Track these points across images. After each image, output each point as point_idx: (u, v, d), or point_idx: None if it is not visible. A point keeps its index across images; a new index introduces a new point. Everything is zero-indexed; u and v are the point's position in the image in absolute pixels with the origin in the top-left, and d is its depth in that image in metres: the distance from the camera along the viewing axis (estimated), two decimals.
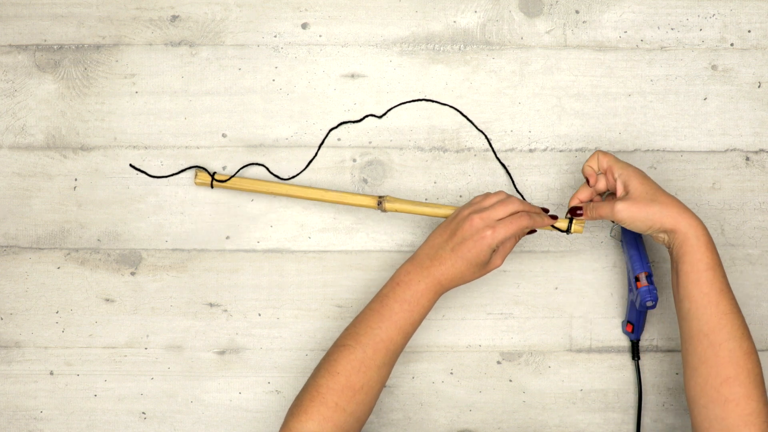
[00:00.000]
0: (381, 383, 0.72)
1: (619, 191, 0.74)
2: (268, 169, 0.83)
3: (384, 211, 0.79)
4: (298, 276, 0.84)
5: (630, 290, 0.80)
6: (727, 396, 0.67)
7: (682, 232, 0.70)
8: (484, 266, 0.73)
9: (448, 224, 0.74)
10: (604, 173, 0.76)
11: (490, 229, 0.71)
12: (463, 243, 0.71)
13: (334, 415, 0.69)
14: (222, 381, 0.84)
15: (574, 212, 0.76)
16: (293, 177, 0.83)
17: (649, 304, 0.77)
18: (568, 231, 0.77)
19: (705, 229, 0.71)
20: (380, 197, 0.79)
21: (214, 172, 0.82)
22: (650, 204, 0.71)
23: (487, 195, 0.75)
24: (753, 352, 0.68)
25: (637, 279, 0.78)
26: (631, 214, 0.71)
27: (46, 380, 0.84)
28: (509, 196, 0.75)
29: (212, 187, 0.81)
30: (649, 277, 0.78)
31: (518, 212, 0.73)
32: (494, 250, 0.73)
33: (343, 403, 0.69)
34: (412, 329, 0.72)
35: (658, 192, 0.72)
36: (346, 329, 0.73)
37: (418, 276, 0.72)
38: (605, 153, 0.76)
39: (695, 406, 0.70)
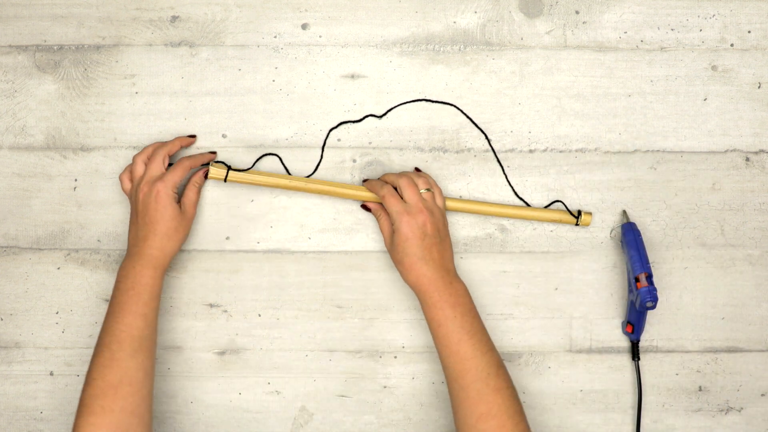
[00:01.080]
0: (143, 370, 0.73)
1: (386, 229, 0.79)
2: (281, 159, 0.83)
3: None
4: (298, 276, 0.84)
5: (630, 291, 0.80)
6: (483, 430, 0.71)
7: (415, 293, 0.77)
8: (180, 220, 0.77)
9: (131, 212, 0.78)
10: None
11: (158, 182, 0.76)
12: (146, 210, 0.76)
13: (103, 420, 0.69)
14: (222, 381, 0.84)
15: (364, 207, 0.82)
16: (309, 175, 0.83)
17: (649, 304, 0.77)
18: (577, 223, 0.81)
19: (435, 285, 0.75)
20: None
21: (229, 166, 0.81)
22: (396, 262, 0.77)
23: (132, 166, 0.79)
24: (502, 387, 0.72)
25: (637, 280, 0.78)
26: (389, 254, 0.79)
27: (46, 381, 0.84)
28: (145, 149, 0.80)
29: (225, 180, 0.80)
30: (649, 277, 0.78)
31: (179, 161, 0.79)
32: (178, 202, 0.78)
33: (109, 403, 0.70)
34: (147, 309, 0.74)
35: (405, 254, 0.76)
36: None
37: (131, 263, 0.76)
38: (406, 189, 0.78)
39: (430, 430, 0.77)
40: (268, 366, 0.84)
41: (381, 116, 0.84)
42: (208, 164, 0.81)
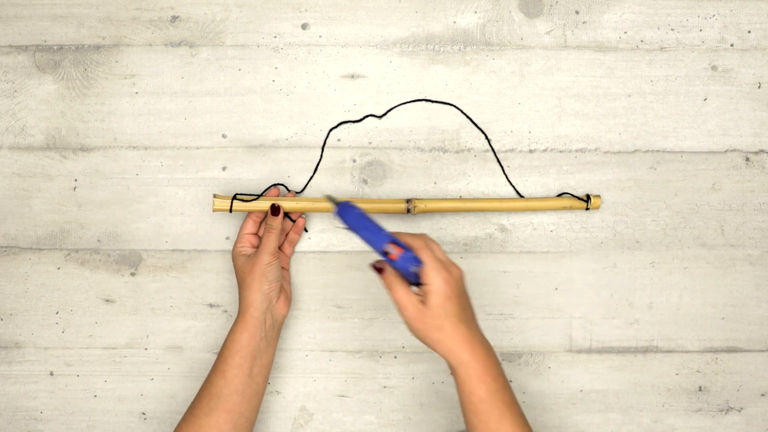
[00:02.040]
0: (216, 427, 0.73)
1: (404, 295, 0.66)
2: (287, 188, 0.83)
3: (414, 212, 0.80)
4: (298, 276, 0.84)
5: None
6: None
7: (453, 365, 0.66)
8: (246, 270, 0.77)
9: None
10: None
11: (235, 244, 0.79)
12: (235, 272, 0.79)
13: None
14: None
15: (376, 268, 0.68)
16: (304, 188, 0.83)
17: (413, 269, 0.66)
18: (587, 207, 0.82)
19: (480, 359, 0.65)
20: (408, 200, 0.80)
21: (235, 194, 0.79)
22: (433, 330, 0.65)
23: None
24: None
25: (386, 253, 0.66)
26: (412, 328, 0.66)
27: (46, 381, 0.84)
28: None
29: (231, 211, 0.79)
30: (397, 243, 0.66)
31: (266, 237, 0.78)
32: (249, 255, 0.78)
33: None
34: (228, 368, 0.75)
35: (447, 316, 0.65)
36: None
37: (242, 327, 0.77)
38: (430, 245, 0.67)
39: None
40: None
41: (381, 116, 0.84)
42: (278, 209, 0.77)
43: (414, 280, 0.67)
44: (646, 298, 0.84)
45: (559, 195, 0.83)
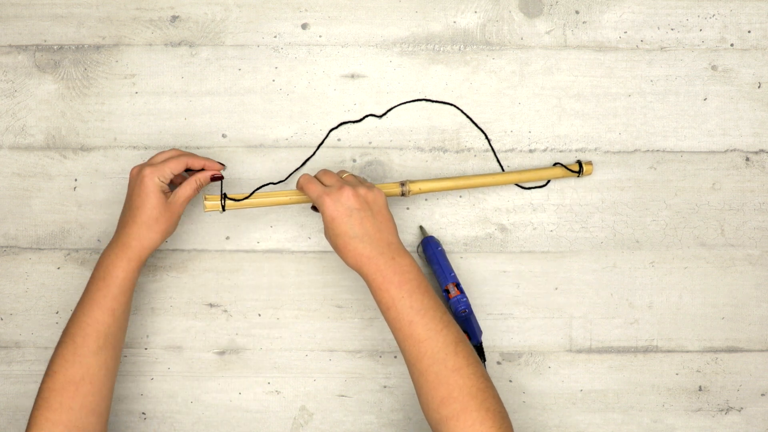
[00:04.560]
0: (106, 368, 0.71)
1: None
2: (273, 184, 0.82)
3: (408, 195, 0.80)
4: (298, 276, 0.84)
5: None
6: (447, 414, 0.66)
7: (361, 276, 0.71)
8: (161, 211, 0.73)
9: (127, 191, 0.76)
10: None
11: (147, 167, 0.74)
12: (131, 195, 0.74)
13: (61, 417, 0.68)
14: (222, 381, 0.84)
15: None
16: (289, 176, 0.83)
17: (463, 312, 0.79)
18: (579, 173, 0.81)
19: (376, 264, 0.70)
20: (402, 183, 0.79)
21: (224, 193, 0.78)
22: (333, 248, 0.72)
23: (158, 154, 0.77)
24: (461, 366, 0.67)
25: (446, 291, 0.79)
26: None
27: None
28: (177, 150, 0.77)
29: (223, 210, 0.77)
30: (457, 285, 0.79)
31: (180, 153, 0.75)
32: (165, 192, 0.74)
33: (68, 401, 0.69)
34: (116, 304, 0.72)
35: (336, 235, 0.71)
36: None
37: (107, 250, 0.73)
38: (317, 177, 0.75)
39: (429, 428, 0.71)
40: (268, 366, 0.84)
41: (381, 116, 0.84)
42: (221, 177, 0.78)
43: (461, 317, 0.79)
44: (646, 298, 0.84)
45: (554, 164, 0.83)
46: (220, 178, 0.77)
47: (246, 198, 0.78)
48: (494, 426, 0.65)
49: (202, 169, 0.77)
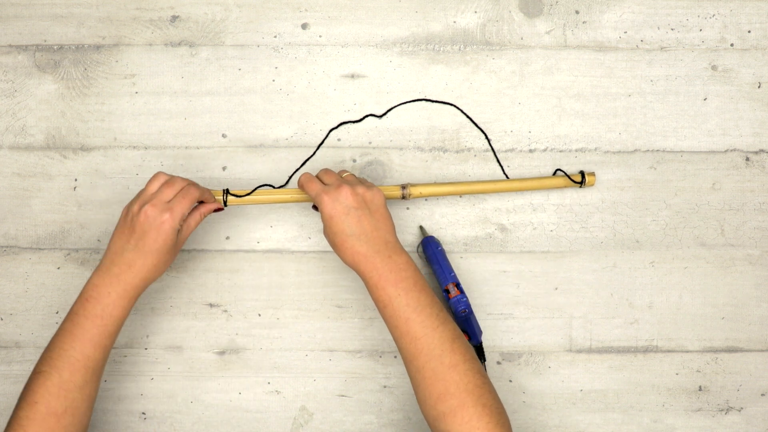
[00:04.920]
0: (88, 401, 0.70)
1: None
2: (273, 187, 0.82)
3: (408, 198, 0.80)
4: (298, 276, 0.84)
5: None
6: (444, 410, 0.66)
7: (358, 274, 0.72)
8: (173, 250, 0.72)
9: (124, 224, 0.72)
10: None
11: (167, 212, 0.71)
12: (145, 237, 0.71)
13: None
14: (222, 381, 0.84)
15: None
16: (290, 178, 0.83)
17: (463, 311, 0.79)
18: (582, 184, 0.81)
19: (373, 263, 0.70)
20: (403, 186, 0.79)
21: (226, 189, 0.78)
22: (331, 246, 0.73)
23: (149, 182, 0.74)
24: (458, 362, 0.67)
25: (446, 291, 0.79)
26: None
27: None
28: (171, 176, 0.74)
29: (225, 206, 0.78)
30: (457, 285, 0.79)
31: (185, 187, 0.73)
32: (179, 230, 0.72)
33: None
34: (109, 341, 0.71)
35: (334, 233, 0.72)
36: (42, 354, 0.70)
37: (108, 287, 0.70)
38: (317, 176, 0.75)
39: (428, 426, 0.71)
40: (268, 366, 0.84)
41: (381, 116, 0.84)
42: (221, 209, 0.78)
43: (461, 317, 0.79)
44: (646, 298, 0.84)
45: (556, 171, 0.83)
46: (221, 209, 0.78)
47: (248, 194, 0.78)
48: (491, 422, 0.65)
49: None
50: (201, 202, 0.76)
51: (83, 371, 0.69)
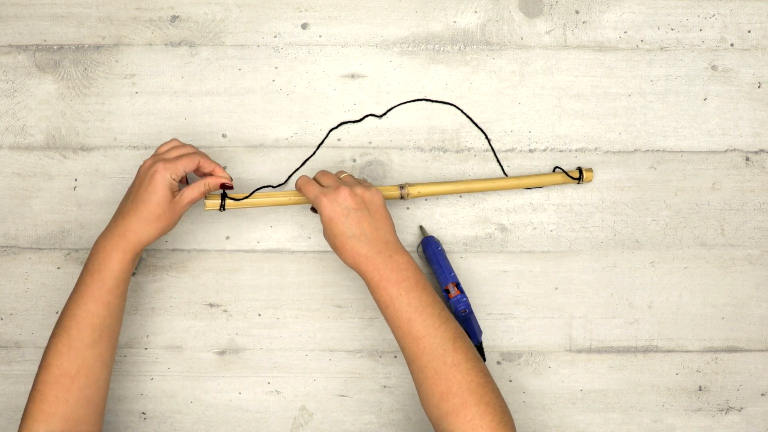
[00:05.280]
0: (102, 360, 0.71)
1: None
2: (272, 188, 0.82)
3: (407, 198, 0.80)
4: (298, 276, 0.84)
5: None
6: (446, 410, 0.67)
7: (360, 275, 0.72)
8: (165, 208, 0.71)
9: (133, 181, 0.74)
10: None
11: (160, 162, 0.72)
12: (138, 186, 0.72)
13: (57, 409, 0.68)
14: (222, 381, 0.84)
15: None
16: (289, 177, 0.83)
17: (463, 311, 0.79)
18: (579, 180, 0.81)
19: (374, 263, 0.70)
20: (401, 186, 0.79)
21: (224, 192, 0.77)
22: (332, 248, 0.73)
23: (162, 145, 0.76)
24: (460, 362, 0.68)
25: (446, 291, 0.79)
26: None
27: None
28: (183, 143, 0.76)
29: (223, 209, 0.77)
30: (457, 285, 0.79)
31: (191, 153, 0.74)
32: (174, 190, 0.72)
33: (63, 393, 0.68)
34: (112, 297, 0.71)
35: (334, 235, 0.71)
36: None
37: (104, 241, 0.72)
38: (315, 178, 0.76)
39: (431, 425, 0.71)
40: (268, 366, 0.84)
41: (381, 116, 0.84)
42: (231, 187, 0.76)
43: (461, 317, 0.79)
44: (646, 297, 0.84)
45: (554, 168, 0.83)
46: (231, 188, 0.76)
47: (246, 198, 0.78)
48: (494, 420, 0.65)
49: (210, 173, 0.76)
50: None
51: (90, 329, 0.70)
